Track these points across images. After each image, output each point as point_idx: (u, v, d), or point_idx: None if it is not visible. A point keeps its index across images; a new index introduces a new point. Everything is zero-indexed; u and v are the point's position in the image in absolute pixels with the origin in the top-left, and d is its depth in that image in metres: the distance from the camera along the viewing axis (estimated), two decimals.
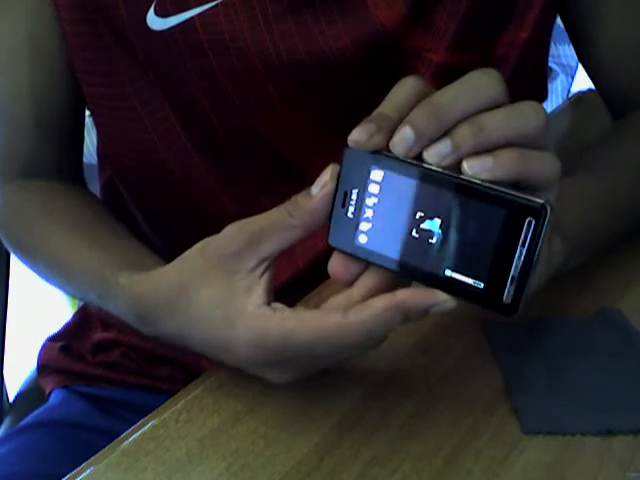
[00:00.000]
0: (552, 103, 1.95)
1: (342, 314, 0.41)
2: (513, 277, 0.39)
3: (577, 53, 0.72)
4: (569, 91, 2.02)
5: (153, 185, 0.68)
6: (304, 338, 0.42)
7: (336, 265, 0.44)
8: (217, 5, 0.59)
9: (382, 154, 0.41)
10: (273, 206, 0.44)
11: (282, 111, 0.63)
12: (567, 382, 0.48)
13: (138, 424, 0.47)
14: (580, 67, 0.73)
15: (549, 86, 0.79)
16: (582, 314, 0.55)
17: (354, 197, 0.43)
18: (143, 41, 0.61)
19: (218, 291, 0.44)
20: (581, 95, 0.99)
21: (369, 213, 0.42)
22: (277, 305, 0.44)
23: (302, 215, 0.43)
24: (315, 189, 0.43)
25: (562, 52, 1.93)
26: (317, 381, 0.50)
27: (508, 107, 0.41)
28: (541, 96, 0.75)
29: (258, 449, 0.45)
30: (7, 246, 0.70)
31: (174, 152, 0.66)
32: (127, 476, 0.44)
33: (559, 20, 0.71)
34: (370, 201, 0.42)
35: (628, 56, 0.69)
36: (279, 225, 0.44)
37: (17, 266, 0.84)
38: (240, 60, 0.60)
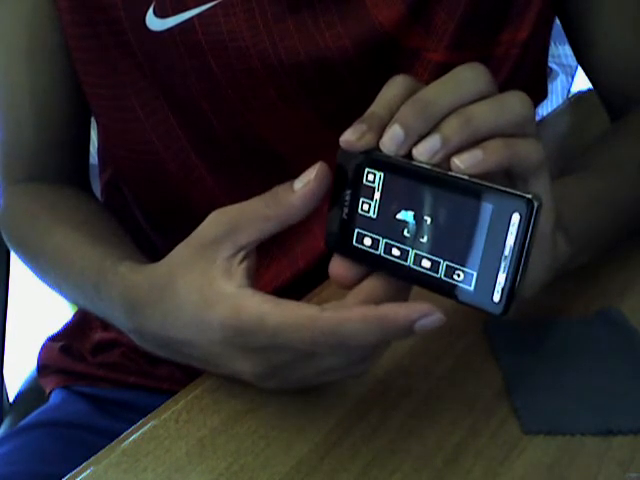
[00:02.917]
0: (552, 103, 1.95)
1: (319, 309, 0.40)
2: (502, 273, 0.38)
3: (575, 53, 0.72)
4: (569, 91, 2.02)
5: (153, 185, 0.68)
6: (276, 321, 0.41)
7: (336, 268, 0.44)
8: (216, 5, 0.59)
9: (374, 154, 0.41)
10: None
11: (281, 111, 0.63)
12: (567, 382, 0.48)
13: (138, 424, 0.47)
14: (580, 67, 0.74)
15: (549, 86, 0.79)
16: (582, 314, 0.55)
17: (348, 198, 0.43)
18: (142, 42, 0.61)
19: (197, 277, 0.44)
20: (581, 95, 0.99)
21: (363, 214, 0.42)
22: (259, 291, 0.43)
23: (277, 209, 0.43)
24: (297, 184, 0.43)
25: (562, 52, 1.93)
26: None
27: (494, 98, 0.41)
28: (541, 96, 0.75)
29: (258, 449, 0.45)
30: (10, 247, 0.70)
31: (174, 152, 0.66)
32: (127, 476, 0.44)
33: (558, 20, 0.71)
34: (363, 202, 0.42)
35: (626, 56, 0.69)
36: (256, 215, 0.43)
37: (17, 266, 0.84)
38: (239, 60, 0.60)
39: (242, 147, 0.65)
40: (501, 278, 0.38)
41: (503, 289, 0.38)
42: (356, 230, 0.43)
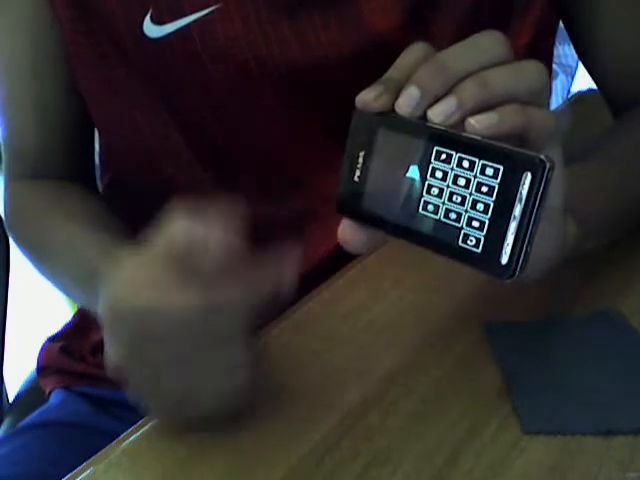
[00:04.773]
0: (552, 103, 1.94)
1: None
2: (510, 235, 0.38)
3: (578, 53, 0.72)
4: (569, 91, 2.02)
5: (153, 189, 0.69)
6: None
7: (345, 232, 0.44)
8: (213, 11, 0.59)
9: (389, 116, 0.41)
10: (271, 212, 0.44)
11: (280, 116, 0.63)
12: (567, 382, 0.48)
13: (138, 424, 0.47)
14: (580, 67, 0.74)
15: None
16: (582, 314, 0.55)
17: (360, 160, 0.43)
18: (140, 49, 0.61)
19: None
20: (581, 95, 0.99)
21: (375, 175, 0.42)
22: None
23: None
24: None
25: (562, 52, 1.93)
26: (317, 380, 0.50)
27: (511, 64, 0.41)
28: None
29: (258, 449, 0.45)
30: (15, 242, 0.71)
31: (173, 157, 0.66)
32: (127, 476, 0.44)
33: (561, 21, 0.71)
34: (376, 163, 0.42)
35: (630, 57, 0.69)
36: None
37: (17, 266, 0.84)
38: (236, 66, 0.60)
39: (242, 153, 0.65)
40: (509, 240, 0.38)
41: (512, 251, 0.38)
42: (367, 193, 0.43)
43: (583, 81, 0.76)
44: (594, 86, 0.73)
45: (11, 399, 0.91)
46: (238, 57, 0.60)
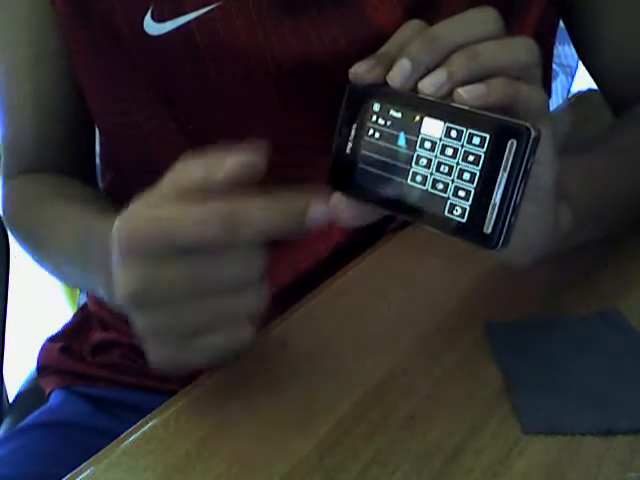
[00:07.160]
0: (552, 103, 1.94)
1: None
2: (494, 204, 0.38)
3: (578, 54, 0.72)
4: (569, 91, 2.02)
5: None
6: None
7: (336, 207, 0.44)
8: (213, 9, 0.59)
9: (381, 88, 0.42)
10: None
11: (280, 114, 0.63)
12: (567, 382, 0.48)
13: (138, 424, 0.47)
14: (580, 67, 0.74)
15: None
16: (582, 314, 0.55)
17: (352, 132, 0.43)
18: (140, 46, 0.61)
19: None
20: (581, 95, 0.99)
21: (366, 148, 0.43)
22: None
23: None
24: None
25: (562, 52, 1.93)
26: (317, 381, 0.50)
27: (501, 39, 0.42)
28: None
29: (258, 449, 0.45)
30: (13, 235, 0.71)
31: (173, 157, 0.66)
32: (127, 476, 0.44)
33: (562, 22, 0.71)
34: (368, 137, 0.43)
35: (631, 57, 0.69)
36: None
37: (17, 266, 0.84)
38: (237, 64, 0.60)
39: None
40: (493, 209, 0.38)
41: (496, 220, 0.38)
42: (359, 165, 0.43)
43: (583, 81, 0.76)
44: (594, 86, 0.73)
45: (11, 399, 0.91)
46: (239, 55, 0.60)
